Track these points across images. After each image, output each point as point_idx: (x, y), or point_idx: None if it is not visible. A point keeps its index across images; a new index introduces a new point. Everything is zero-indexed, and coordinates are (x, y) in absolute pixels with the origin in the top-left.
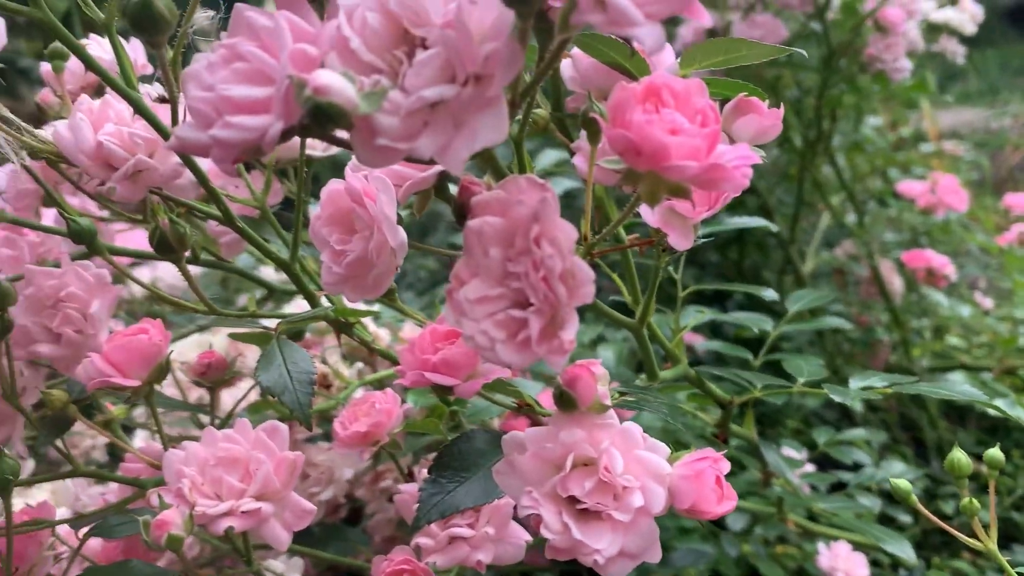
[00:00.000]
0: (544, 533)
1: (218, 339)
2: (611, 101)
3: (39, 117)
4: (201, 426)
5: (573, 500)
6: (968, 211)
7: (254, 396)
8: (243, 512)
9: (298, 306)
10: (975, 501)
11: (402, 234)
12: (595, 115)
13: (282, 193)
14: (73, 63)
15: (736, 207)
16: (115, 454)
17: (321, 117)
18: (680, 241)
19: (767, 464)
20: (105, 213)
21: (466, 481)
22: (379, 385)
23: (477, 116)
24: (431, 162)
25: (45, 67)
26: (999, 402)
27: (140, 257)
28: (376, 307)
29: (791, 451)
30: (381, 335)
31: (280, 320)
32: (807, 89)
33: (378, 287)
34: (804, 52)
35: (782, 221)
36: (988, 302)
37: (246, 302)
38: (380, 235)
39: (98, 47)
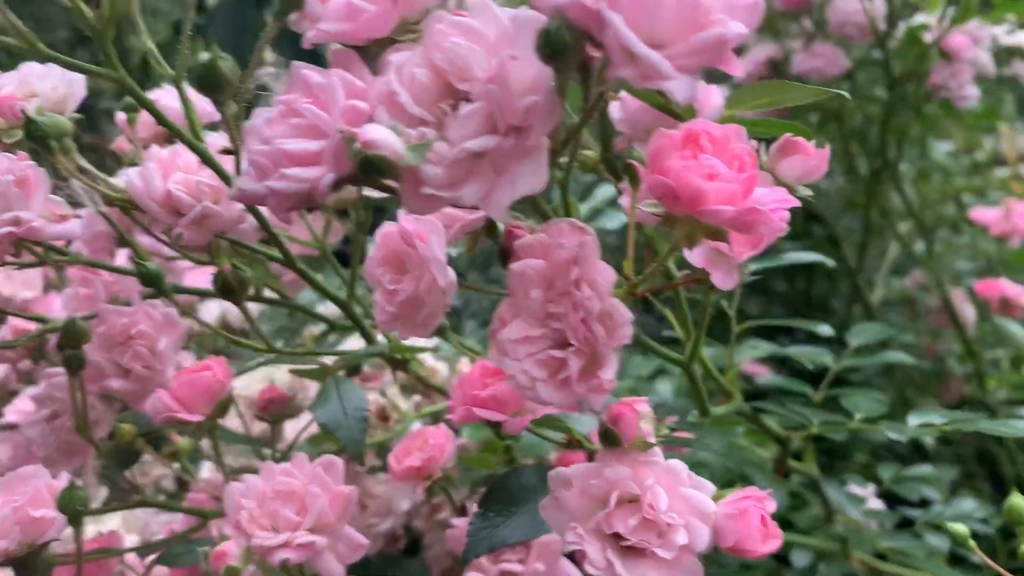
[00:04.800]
0: (588, 569)
1: (281, 372)
2: (651, 147)
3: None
4: (264, 458)
5: (618, 537)
6: None
7: (313, 429)
8: (298, 544)
9: (360, 341)
10: None
11: (451, 274)
12: (634, 162)
13: (343, 231)
14: (146, 114)
15: (802, 236)
16: (184, 484)
17: (370, 168)
18: (724, 281)
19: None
20: (175, 254)
21: (513, 516)
22: (435, 418)
23: (517, 165)
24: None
25: (121, 116)
26: None
27: (204, 295)
28: (434, 341)
29: (856, 487)
30: (439, 369)
31: (337, 357)
32: (872, 118)
33: (427, 326)
34: (846, 94)
35: (850, 250)
36: None
37: (313, 333)
38: (430, 275)
39: (171, 97)
